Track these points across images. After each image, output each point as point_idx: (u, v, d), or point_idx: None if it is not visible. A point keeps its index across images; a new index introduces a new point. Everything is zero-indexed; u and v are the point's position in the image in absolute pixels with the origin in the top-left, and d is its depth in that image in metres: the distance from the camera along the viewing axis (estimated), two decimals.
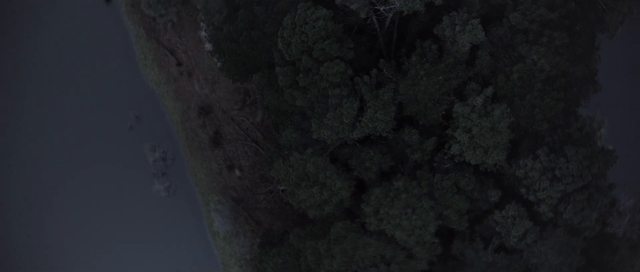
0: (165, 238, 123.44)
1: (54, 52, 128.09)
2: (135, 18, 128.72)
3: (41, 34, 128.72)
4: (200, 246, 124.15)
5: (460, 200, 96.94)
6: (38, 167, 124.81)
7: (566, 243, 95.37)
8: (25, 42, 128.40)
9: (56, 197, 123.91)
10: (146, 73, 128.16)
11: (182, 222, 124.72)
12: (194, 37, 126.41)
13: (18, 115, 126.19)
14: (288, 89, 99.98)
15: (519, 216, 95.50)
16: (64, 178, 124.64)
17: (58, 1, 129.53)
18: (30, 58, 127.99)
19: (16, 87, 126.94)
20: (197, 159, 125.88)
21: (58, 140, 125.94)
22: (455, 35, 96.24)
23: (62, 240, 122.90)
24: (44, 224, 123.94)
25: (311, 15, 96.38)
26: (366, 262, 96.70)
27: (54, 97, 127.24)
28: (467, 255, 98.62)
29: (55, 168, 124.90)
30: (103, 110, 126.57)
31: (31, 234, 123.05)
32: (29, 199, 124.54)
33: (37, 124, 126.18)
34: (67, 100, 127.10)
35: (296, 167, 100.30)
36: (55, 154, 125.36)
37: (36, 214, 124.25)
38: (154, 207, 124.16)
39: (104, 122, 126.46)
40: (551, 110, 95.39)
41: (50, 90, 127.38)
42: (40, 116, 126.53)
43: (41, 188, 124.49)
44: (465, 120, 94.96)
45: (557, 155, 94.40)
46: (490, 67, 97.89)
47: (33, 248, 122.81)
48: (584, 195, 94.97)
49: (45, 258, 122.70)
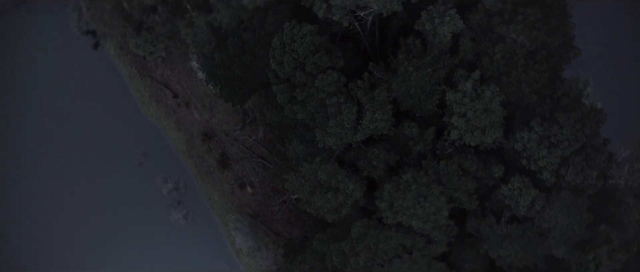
0: (191, 262, 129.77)
1: (50, 103, 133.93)
2: (125, 59, 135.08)
3: (34, 86, 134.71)
4: (226, 265, 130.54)
5: (466, 181, 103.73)
6: (58, 217, 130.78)
7: (572, 204, 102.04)
8: (20, 95, 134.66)
9: (80, 246, 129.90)
10: (145, 110, 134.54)
11: (205, 245, 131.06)
12: (185, 68, 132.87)
13: (30, 170, 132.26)
14: (287, 105, 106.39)
15: (524, 186, 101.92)
16: (84, 222, 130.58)
17: (47, 53, 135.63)
18: (27, 111, 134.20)
19: (22, 142, 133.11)
20: (208, 183, 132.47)
21: (71, 189, 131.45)
22: (436, 28, 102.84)
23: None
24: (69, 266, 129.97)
25: (298, 33, 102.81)
26: (389, 254, 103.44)
27: (60, 148, 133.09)
28: (482, 231, 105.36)
29: (74, 215, 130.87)
30: (110, 152, 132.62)
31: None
32: (51, 249, 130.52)
33: (48, 176, 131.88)
34: (74, 148, 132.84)
35: (308, 177, 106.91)
36: (72, 203, 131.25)
37: (59, 258, 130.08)
38: (176, 235, 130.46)
39: (114, 164, 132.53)
40: (537, 82, 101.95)
41: (54, 141, 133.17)
42: (49, 169, 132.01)
43: (64, 237, 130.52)
44: (459, 106, 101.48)
45: (550, 123, 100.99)
46: (474, 51, 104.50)
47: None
48: (581, 156, 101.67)
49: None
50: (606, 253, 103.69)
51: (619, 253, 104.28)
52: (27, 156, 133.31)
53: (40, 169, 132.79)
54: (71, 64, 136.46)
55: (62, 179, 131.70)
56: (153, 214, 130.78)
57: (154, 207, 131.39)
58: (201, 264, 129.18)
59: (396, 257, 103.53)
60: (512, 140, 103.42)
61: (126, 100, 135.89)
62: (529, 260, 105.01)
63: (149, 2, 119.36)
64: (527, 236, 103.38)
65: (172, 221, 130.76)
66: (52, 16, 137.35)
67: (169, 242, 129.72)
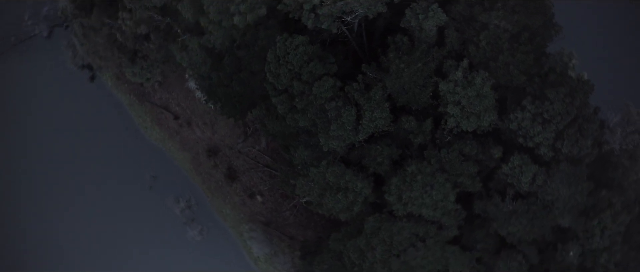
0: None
1: (56, 139, 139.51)
2: (123, 88, 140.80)
3: (38, 124, 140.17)
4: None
5: (468, 165, 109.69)
6: (79, 249, 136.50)
7: (572, 174, 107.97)
8: (26, 135, 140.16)
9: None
10: (149, 134, 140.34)
11: (224, 258, 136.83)
12: (182, 89, 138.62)
13: (46, 207, 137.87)
14: (289, 114, 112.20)
15: (524, 164, 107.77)
16: (104, 251, 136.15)
17: (46, 91, 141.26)
18: (35, 150, 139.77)
19: (34, 179, 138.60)
20: (219, 198, 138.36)
21: (87, 220, 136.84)
22: (421, 23, 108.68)
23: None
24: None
25: (290, 45, 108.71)
26: (404, 244, 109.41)
27: (71, 182, 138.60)
28: (489, 211, 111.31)
29: (93, 245, 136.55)
30: (121, 179, 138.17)
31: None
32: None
33: (64, 211, 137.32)
34: (85, 180, 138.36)
35: (317, 180, 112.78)
36: (89, 233, 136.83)
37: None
38: (194, 251, 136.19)
39: (125, 190, 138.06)
40: (524, 63, 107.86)
41: (64, 177, 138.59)
42: (63, 204, 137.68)
43: (87, 267, 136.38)
44: (452, 95, 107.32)
45: (541, 100, 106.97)
46: (460, 41, 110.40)
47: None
48: (574, 128, 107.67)
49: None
50: (610, 217, 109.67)
51: (622, 215, 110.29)
52: (41, 193, 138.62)
53: (55, 206, 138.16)
54: (71, 99, 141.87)
55: (78, 212, 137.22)
56: (170, 234, 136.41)
57: (170, 227, 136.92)
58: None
59: (411, 246, 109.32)
60: (506, 121, 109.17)
61: (129, 127, 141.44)
62: (537, 233, 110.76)
63: (142, 31, 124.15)
64: (532, 210, 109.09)
65: (189, 238, 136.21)
66: (46, 54, 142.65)
67: (188, 259, 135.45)
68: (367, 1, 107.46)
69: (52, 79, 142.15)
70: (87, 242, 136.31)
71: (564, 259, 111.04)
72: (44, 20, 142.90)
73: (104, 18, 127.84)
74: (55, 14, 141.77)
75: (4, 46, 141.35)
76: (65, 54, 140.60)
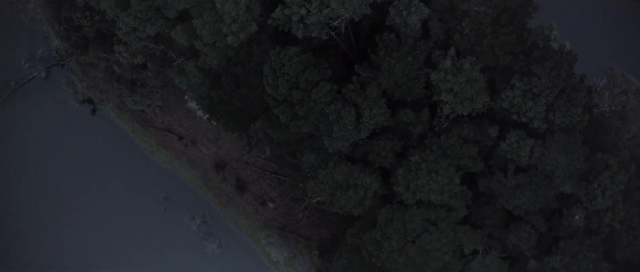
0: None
1: (67, 175, 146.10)
2: (125, 117, 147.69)
3: (48, 162, 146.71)
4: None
5: (468, 147, 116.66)
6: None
7: (567, 143, 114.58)
8: (38, 173, 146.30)
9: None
10: (156, 158, 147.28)
11: (245, 266, 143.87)
12: (183, 110, 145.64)
13: (63, 238, 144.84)
14: (291, 122, 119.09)
15: (520, 139, 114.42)
16: None
17: (51, 129, 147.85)
18: (48, 187, 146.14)
19: (51, 215, 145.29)
20: (232, 209, 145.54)
21: (109, 251, 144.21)
22: (405, 19, 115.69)
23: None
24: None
25: (285, 57, 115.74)
26: (417, 230, 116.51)
27: (87, 215, 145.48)
28: (494, 187, 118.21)
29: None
30: (135, 206, 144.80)
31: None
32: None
33: (81, 246, 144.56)
34: (100, 212, 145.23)
35: (326, 181, 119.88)
36: (112, 262, 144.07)
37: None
38: (216, 264, 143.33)
39: (141, 215, 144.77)
40: (507, 43, 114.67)
41: (78, 211, 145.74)
42: (81, 231, 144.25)
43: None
44: (444, 83, 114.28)
45: (528, 77, 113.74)
46: (444, 31, 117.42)
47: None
48: (564, 98, 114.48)
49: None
50: (608, 178, 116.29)
51: (620, 175, 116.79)
52: (59, 229, 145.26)
53: (75, 240, 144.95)
54: (76, 134, 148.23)
55: (98, 242, 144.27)
56: (190, 251, 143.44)
57: (189, 243, 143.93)
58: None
59: (424, 231, 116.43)
60: (499, 100, 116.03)
61: (136, 153, 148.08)
62: (542, 202, 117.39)
63: (138, 61, 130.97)
64: (534, 181, 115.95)
65: (209, 252, 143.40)
66: (46, 94, 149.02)
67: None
68: (351, 5, 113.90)
69: (55, 118, 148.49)
70: (111, 270, 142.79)
71: (570, 223, 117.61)
72: (40, 62, 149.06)
73: (100, 53, 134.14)
74: (50, 55, 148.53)
75: (5, 92, 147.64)
76: (66, 92, 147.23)
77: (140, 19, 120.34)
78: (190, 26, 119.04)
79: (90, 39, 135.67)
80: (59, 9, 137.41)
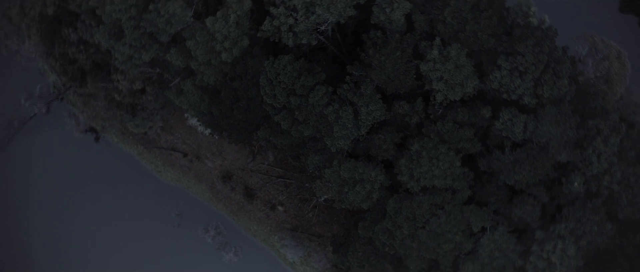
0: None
1: (79, 203, 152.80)
2: (129, 141, 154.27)
3: (59, 194, 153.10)
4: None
5: (464, 131, 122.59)
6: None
7: (558, 114, 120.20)
8: (53, 205, 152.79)
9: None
10: (164, 177, 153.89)
11: (263, 271, 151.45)
12: (184, 127, 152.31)
13: (81, 264, 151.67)
14: (292, 128, 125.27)
15: (513, 116, 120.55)
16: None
17: (59, 161, 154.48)
18: (64, 217, 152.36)
19: (69, 244, 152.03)
20: (243, 217, 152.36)
21: (124, 268, 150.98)
22: (389, 16, 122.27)
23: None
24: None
25: (279, 66, 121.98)
26: (426, 215, 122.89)
27: (101, 238, 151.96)
28: (493, 165, 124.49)
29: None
30: (149, 226, 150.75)
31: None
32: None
33: (98, 264, 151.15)
34: (114, 234, 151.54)
35: (333, 179, 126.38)
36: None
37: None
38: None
39: (156, 234, 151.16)
40: (489, 27, 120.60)
41: (93, 234, 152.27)
42: (97, 257, 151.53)
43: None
44: (434, 73, 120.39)
45: (513, 56, 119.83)
46: (427, 22, 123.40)
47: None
48: (549, 72, 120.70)
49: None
50: (601, 142, 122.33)
51: (612, 138, 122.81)
52: (74, 256, 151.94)
53: (90, 269, 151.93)
54: (82, 163, 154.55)
55: (117, 266, 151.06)
56: (208, 263, 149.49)
57: (206, 255, 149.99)
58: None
59: (432, 216, 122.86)
60: (488, 82, 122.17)
61: (144, 175, 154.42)
62: (540, 174, 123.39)
63: (137, 86, 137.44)
64: (531, 155, 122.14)
65: (227, 261, 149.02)
66: (50, 129, 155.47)
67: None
68: (336, 9, 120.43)
69: (61, 151, 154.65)
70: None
71: (570, 190, 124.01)
72: (40, 99, 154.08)
73: (99, 83, 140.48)
74: (48, 90, 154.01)
75: (9, 132, 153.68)
76: (69, 124, 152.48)
77: (135, 47, 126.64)
78: (184, 48, 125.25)
79: (87, 71, 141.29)
80: (52, 46, 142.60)
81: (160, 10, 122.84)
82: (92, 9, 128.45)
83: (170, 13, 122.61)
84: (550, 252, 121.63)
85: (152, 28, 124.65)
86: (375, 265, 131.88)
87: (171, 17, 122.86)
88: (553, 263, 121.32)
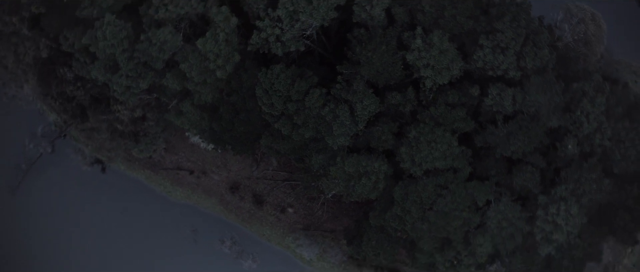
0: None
1: (95, 232, 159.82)
2: (135, 166, 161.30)
3: (74, 226, 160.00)
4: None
5: (457, 111, 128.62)
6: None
7: (543, 82, 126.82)
8: (70, 237, 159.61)
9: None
10: (174, 196, 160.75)
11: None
12: (187, 146, 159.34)
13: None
14: (293, 132, 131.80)
15: (501, 91, 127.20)
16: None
17: (69, 196, 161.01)
18: (82, 247, 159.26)
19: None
20: (256, 224, 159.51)
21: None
22: (370, 13, 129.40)
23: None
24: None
25: (272, 76, 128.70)
26: (432, 197, 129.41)
27: (120, 265, 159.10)
28: (489, 140, 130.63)
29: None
30: (167, 246, 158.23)
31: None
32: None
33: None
34: (135, 258, 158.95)
35: (339, 175, 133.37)
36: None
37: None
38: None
39: (174, 252, 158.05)
40: (466, 9, 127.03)
41: (112, 261, 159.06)
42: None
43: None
44: (420, 61, 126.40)
45: (493, 34, 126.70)
46: (407, 14, 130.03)
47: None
48: (529, 44, 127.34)
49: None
50: (588, 103, 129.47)
51: (598, 97, 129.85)
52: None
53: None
54: (93, 194, 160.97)
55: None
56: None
57: (225, 266, 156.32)
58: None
59: (438, 196, 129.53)
60: (472, 62, 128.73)
61: (154, 197, 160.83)
62: (535, 141, 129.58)
63: (138, 114, 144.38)
64: (523, 125, 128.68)
65: (246, 268, 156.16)
66: (57, 167, 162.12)
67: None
68: (319, 13, 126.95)
69: (71, 186, 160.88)
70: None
71: (565, 153, 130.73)
72: (43, 139, 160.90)
73: (100, 116, 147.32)
74: (51, 129, 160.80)
75: (18, 176, 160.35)
76: (75, 159, 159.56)
77: (131, 77, 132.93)
78: (179, 71, 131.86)
79: (86, 106, 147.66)
80: (49, 86, 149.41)
81: (152, 39, 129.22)
82: (85, 46, 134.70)
83: (161, 40, 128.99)
84: (555, 214, 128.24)
85: (145, 57, 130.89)
86: (390, 251, 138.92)
87: (163, 44, 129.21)
88: (558, 224, 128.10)
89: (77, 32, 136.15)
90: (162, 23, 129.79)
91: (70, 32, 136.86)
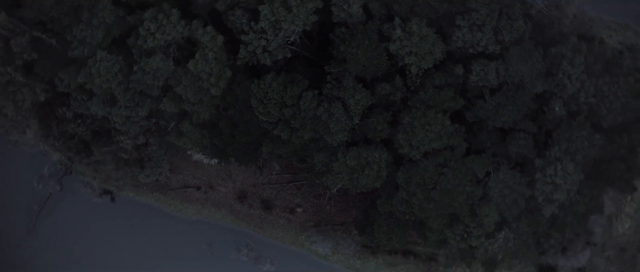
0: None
1: (112, 263, 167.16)
2: (143, 191, 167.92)
3: (90, 260, 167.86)
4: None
5: (445, 92, 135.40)
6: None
7: (523, 52, 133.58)
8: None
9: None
10: (185, 214, 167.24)
11: (300, 270, 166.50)
12: (190, 163, 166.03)
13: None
14: (292, 136, 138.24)
15: (484, 66, 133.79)
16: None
17: (84, 231, 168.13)
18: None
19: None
20: (268, 228, 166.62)
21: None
22: (348, 11, 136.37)
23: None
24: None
25: (264, 85, 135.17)
26: (434, 177, 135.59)
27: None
28: (479, 114, 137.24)
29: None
30: (184, 263, 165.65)
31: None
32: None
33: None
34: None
35: (342, 170, 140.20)
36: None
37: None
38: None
39: (193, 267, 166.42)
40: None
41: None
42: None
43: None
44: (402, 49, 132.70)
45: (468, 13, 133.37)
46: (384, 7, 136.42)
47: None
48: (504, 18, 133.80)
49: None
50: (568, 65, 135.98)
51: (576, 58, 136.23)
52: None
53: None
54: (107, 224, 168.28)
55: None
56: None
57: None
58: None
59: (440, 175, 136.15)
60: (452, 43, 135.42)
61: (166, 218, 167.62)
62: (523, 108, 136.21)
63: (140, 141, 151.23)
64: (510, 96, 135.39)
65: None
66: (67, 203, 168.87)
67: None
68: (300, 19, 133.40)
69: (83, 220, 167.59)
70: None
71: (554, 115, 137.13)
72: (51, 178, 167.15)
73: (103, 148, 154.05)
74: (56, 168, 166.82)
75: (33, 217, 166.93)
76: (85, 193, 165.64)
77: (130, 107, 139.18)
78: (175, 94, 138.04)
79: (89, 141, 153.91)
80: (50, 128, 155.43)
81: (145, 68, 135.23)
82: (81, 85, 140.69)
83: (154, 68, 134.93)
84: (553, 175, 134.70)
85: (141, 86, 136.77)
86: (401, 234, 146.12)
87: (156, 71, 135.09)
88: (558, 184, 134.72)
89: (71, 72, 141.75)
90: (151, 51, 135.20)
91: (64, 73, 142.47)
